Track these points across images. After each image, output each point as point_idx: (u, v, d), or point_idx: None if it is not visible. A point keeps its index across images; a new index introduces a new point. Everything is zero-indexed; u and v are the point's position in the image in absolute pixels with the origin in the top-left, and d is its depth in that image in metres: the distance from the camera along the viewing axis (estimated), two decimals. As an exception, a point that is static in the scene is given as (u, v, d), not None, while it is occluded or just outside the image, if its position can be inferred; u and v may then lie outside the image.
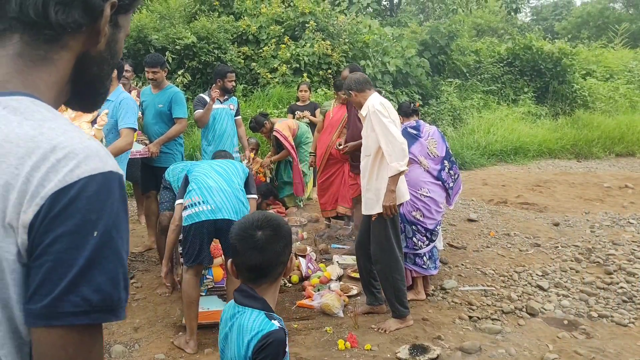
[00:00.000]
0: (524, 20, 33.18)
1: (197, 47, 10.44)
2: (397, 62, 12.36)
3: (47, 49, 0.84)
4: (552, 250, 5.71)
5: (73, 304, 0.72)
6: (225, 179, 3.56)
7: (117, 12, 0.91)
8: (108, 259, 0.75)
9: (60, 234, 0.72)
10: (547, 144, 12.29)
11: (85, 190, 0.74)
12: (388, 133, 3.77)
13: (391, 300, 4.01)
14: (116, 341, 3.72)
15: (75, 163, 0.74)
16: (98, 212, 0.74)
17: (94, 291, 0.74)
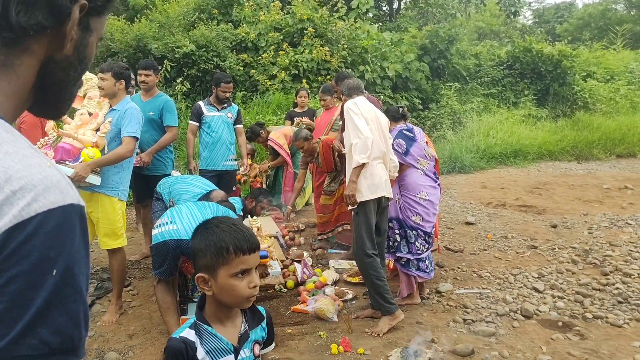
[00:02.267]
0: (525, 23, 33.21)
1: (196, 55, 10.51)
2: (396, 67, 12.40)
3: (7, 52, 0.76)
4: (549, 252, 5.71)
5: (31, 347, 0.67)
6: (199, 208, 3.57)
7: (89, 14, 0.83)
8: (68, 298, 0.71)
9: (15, 274, 0.66)
10: (547, 146, 12.28)
11: (43, 226, 0.68)
12: (356, 128, 3.93)
13: (375, 298, 4.06)
14: (110, 348, 3.73)
15: (32, 196, 0.68)
16: (57, 249, 0.69)
17: (53, 333, 0.69)
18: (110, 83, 4.09)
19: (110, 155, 3.94)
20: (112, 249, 4.14)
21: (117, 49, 10.51)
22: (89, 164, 3.80)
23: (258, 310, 1.74)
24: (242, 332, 1.63)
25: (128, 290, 4.71)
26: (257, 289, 1.59)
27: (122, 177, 4.11)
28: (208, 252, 1.55)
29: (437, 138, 12.18)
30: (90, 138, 3.99)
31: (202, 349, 1.54)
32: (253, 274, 1.58)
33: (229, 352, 1.58)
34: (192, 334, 1.56)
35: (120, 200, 4.12)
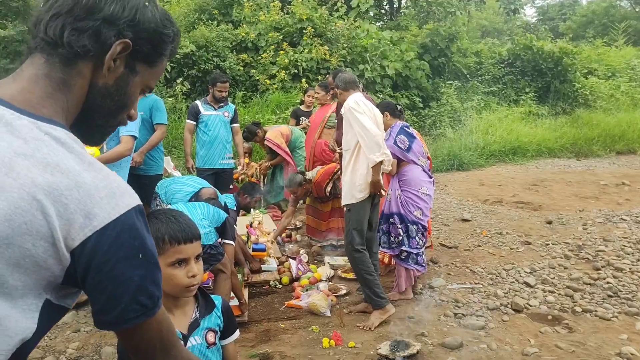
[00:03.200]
0: (529, 21, 33.18)
1: (197, 56, 10.60)
2: (396, 66, 12.46)
3: (66, 72, 0.94)
4: (543, 248, 5.76)
5: (135, 311, 0.93)
6: (188, 208, 3.61)
7: (135, 58, 1.00)
8: (153, 271, 0.95)
9: (115, 262, 0.88)
10: (547, 143, 12.32)
11: (127, 222, 0.89)
12: (363, 127, 3.94)
13: (366, 292, 4.14)
14: (107, 343, 3.82)
15: (115, 201, 0.89)
16: (139, 239, 0.92)
17: (148, 297, 0.94)
18: None
19: (110, 154, 4.02)
20: None
21: (118, 50, 10.61)
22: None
23: (210, 299, 1.78)
24: (192, 320, 1.68)
25: (126, 287, 4.79)
26: (197, 278, 1.62)
27: (120, 175, 4.18)
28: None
29: (436, 136, 12.23)
30: None
31: None
32: (192, 264, 1.61)
33: None
34: None
35: None
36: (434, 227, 6.44)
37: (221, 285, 3.71)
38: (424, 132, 12.47)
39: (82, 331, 4.00)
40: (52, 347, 3.77)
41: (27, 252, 0.83)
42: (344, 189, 4.19)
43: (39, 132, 0.87)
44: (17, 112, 0.87)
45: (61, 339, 3.88)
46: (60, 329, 4.04)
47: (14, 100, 0.89)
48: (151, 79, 1.07)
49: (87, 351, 3.72)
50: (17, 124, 0.86)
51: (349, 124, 4.09)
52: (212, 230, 3.67)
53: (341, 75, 4.39)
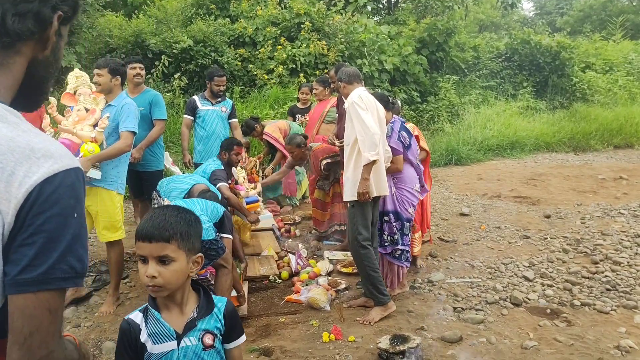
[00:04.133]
0: (526, 15, 33.16)
1: (194, 51, 10.56)
2: (394, 60, 12.44)
3: (4, 54, 0.98)
4: (541, 242, 5.78)
5: (63, 271, 0.91)
6: (187, 204, 3.61)
7: (62, 23, 1.05)
8: (83, 235, 0.96)
9: (50, 216, 0.89)
10: (544, 137, 12.34)
11: (65, 180, 0.92)
12: (363, 124, 3.91)
13: (369, 289, 4.14)
14: (107, 338, 3.82)
15: (53, 160, 0.92)
16: (75, 199, 0.94)
17: (77, 260, 0.94)
18: (107, 79, 4.17)
19: (109, 150, 4.03)
20: (111, 241, 4.23)
21: (115, 45, 10.57)
22: (89, 158, 3.89)
23: (212, 300, 1.72)
24: (188, 320, 1.63)
25: (125, 282, 4.80)
26: (154, 280, 1.55)
27: (119, 171, 4.20)
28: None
29: (434, 131, 12.24)
30: (89, 133, 4.06)
31: (146, 332, 1.60)
32: (150, 264, 1.55)
33: (170, 337, 1.60)
34: (139, 317, 1.63)
35: (118, 194, 4.21)
36: (433, 222, 6.45)
37: (222, 280, 3.72)
38: (422, 127, 12.45)
39: (82, 326, 4.01)
40: (53, 342, 3.77)
41: None
42: (347, 185, 4.15)
43: None
44: None
45: (61, 334, 3.88)
46: (60, 324, 4.04)
47: None
48: (67, 34, 1.13)
49: (88, 346, 3.72)
50: None
51: (350, 118, 4.07)
52: (210, 226, 3.67)
53: (345, 69, 4.33)
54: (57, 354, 0.94)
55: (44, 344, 0.91)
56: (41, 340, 0.90)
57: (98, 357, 3.60)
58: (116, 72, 4.21)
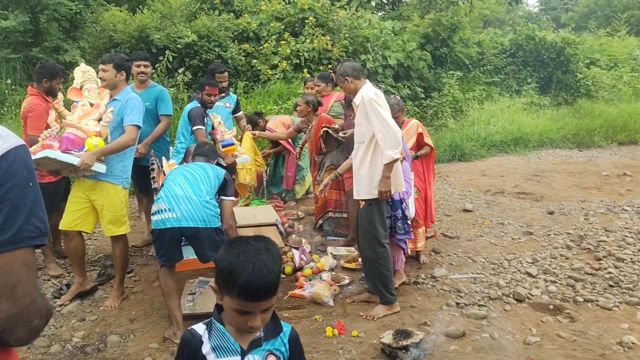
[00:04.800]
0: (531, 11, 33.01)
1: (198, 46, 10.56)
2: (397, 56, 12.42)
3: None
4: (544, 238, 5.79)
5: (30, 231, 1.06)
6: (192, 186, 3.65)
7: None
8: (40, 200, 1.11)
9: (10, 187, 1.04)
10: (548, 133, 12.31)
11: (17, 156, 1.07)
12: (383, 121, 3.87)
13: (378, 287, 4.13)
14: (112, 332, 3.85)
15: (2, 140, 1.06)
16: (28, 170, 1.09)
17: (40, 221, 1.09)
18: (112, 74, 4.18)
19: (114, 144, 4.05)
20: (116, 235, 4.25)
21: (119, 39, 10.57)
22: (94, 152, 3.91)
23: (279, 324, 1.65)
24: (255, 338, 1.58)
25: (130, 277, 4.83)
26: (257, 328, 1.51)
27: (125, 165, 4.22)
28: (220, 274, 1.48)
29: (438, 127, 12.23)
30: (94, 128, 4.08)
31: (209, 344, 1.56)
32: (256, 317, 1.48)
33: (235, 352, 1.56)
34: (202, 328, 1.60)
35: (124, 188, 4.23)
36: (436, 218, 6.45)
37: None
38: (426, 123, 12.44)
39: (87, 320, 4.03)
40: (58, 335, 3.80)
41: None
42: (361, 183, 4.09)
43: None
44: None
45: (66, 327, 3.92)
46: (66, 317, 4.08)
47: None
48: None
49: (93, 340, 3.75)
50: None
51: (365, 115, 3.98)
52: (217, 212, 3.71)
53: (350, 63, 4.20)
54: (38, 301, 1.08)
55: (27, 294, 1.05)
56: (24, 291, 1.04)
57: (103, 350, 3.63)
58: (121, 68, 4.22)
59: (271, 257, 1.49)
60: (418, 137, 5.07)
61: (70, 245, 4.26)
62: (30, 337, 1.08)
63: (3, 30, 8.96)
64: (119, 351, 3.61)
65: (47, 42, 9.35)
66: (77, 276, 4.35)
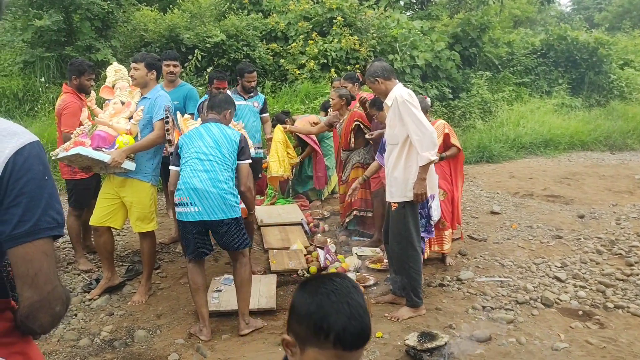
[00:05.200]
0: (563, 11, 32.39)
1: (227, 45, 10.66)
2: (426, 56, 12.32)
3: None
4: (574, 242, 5.68)
5: (48, 223, 1.13)
6: (210, 178, 3.63)
7: None
8: (56, 193, 1.17)
9: (27, 180, 1.11)
10: (580, 136, 12.07)
11: (32, 150, 1.14)
12: (419, 123, 3.82)
13: (406, 290, 4.11)
14: (139, 327, 3.92)
15: (18, 136, 1.13)
16: (43, 164, 1.15)
17: (57, 213, 1.15)
18: (143, 73, 4.24)
19: (143, 141, 4.11)
20: (144, 232, 4.31)
21: (150, 39, 10.74)
22: (124, 150, 3.98)
23: None
24: None
25: (157, 273, 4.90)
26: None
27: (154, 163, 4.29)
28: (305, 321, 1.22)
29: (466, 127, 12.10)
30: (124, 126, 4.16)
31: None
32: None
33: None
34: None
35: (152, 185, 4.29)
36: (463, 220, 6.37)
37: (241, 271, 3.82)
38: (454, 124, 12.31)
39: (115, 315, 4.11)
40: (87, 329, 3.88)
41: None
42: (394, 185, 4.05)
43: None
44: None
45: (95, 321, 4.00)
46: (95, 312, 4.16)
47: None
48: None
49: (120, 334, 3.82)
50: None
51: (398, 117, 3.93)
52: (237, 201, 3.75)
53: (381, 63, 4.14)
54: (59, 288, 1.14)
55: (48, 281, 1.11)
56: (45, 279, 1.11)
57: (130, 344, 3.69)
58: (152, 67, 4.29)
59: (361, 294, 1.28)
60: (445, 138, 5.02)
61: (99, 241, 4.34)
62: (52, 323, 1.14)
63: (37, 30, 9.17)
64: (145, 346, 3.67)
65: (79, 41, 9.53)
66: (106, 271, 4.44)
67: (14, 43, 9.85)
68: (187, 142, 3.82)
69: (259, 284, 4.49)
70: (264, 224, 6.15)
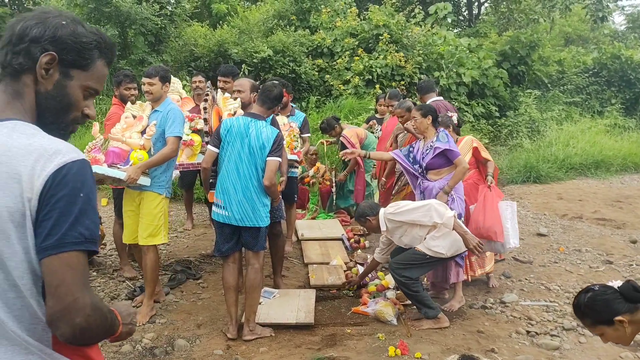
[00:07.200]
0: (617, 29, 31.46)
1: (273, 60, 10.84)
2: (472, 73, 12.18)
3: (16, 85, 1.27)
4: (626, 268, 5.45)
5: (74, 237, 1.16)
6: (243, 186, 3.80)
7: (67, 65, 1.29)
8: (89, 211, 1.20)
9: (61, 196, 1.15)
10: (633, 157, 11.61)
11: (72, 169, 1.18)
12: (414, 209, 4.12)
13: (416, 306, 4.23)
14: (179, 336, 3.97)
15: (61, 155, 1.18)
16: (81, 182, 1.18)
17: (85, 229, 1.18)
18: (158, 87, 4.21)
19: (157, 157, 4.10)
20: (148, 245, 4.20)
21: (199, 53, 11.03)
22: (139, 166, 4.02)
23: None
24: None
25: (199, 283, 4.97)
26: None
27: (167, 175, 4.27)
28: None
29: (513, 147, 11.85)
30: (138, 141, 4.18)
31: None
32: None
33: None
34: None
35: (165, 198, 4.26)
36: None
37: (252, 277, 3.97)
38: (500, 142, 12.09)
39: (157, 323, 4.17)
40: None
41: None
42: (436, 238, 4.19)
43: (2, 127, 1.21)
44: None
45: (138, 329, 4.07)
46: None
47: None
48: (89, 81, 1.33)
49: (161, 342, 3.88)
50: None
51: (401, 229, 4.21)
52: (267, 211, 3.95)
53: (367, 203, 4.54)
54: (82, 300, 1.15)
55: (69, 293, 1.14)
56: (66, 290, 1.14)
57: (170, 353, 3.74)
58: (166, 80, 4.26)
59: None
60: (474, 152, 4.94)
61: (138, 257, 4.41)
62: (74, 334, 1.15)
63: (94, 43, 9.54)
64: (185, 355, 3.71)
65: (133, 55, 9.88)
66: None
67: (71, 56, 10.26)
68: (230, 136, 3.89)
69: (297, 299, 4.49)
70: (305, 238, 6.16)
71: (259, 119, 3.92)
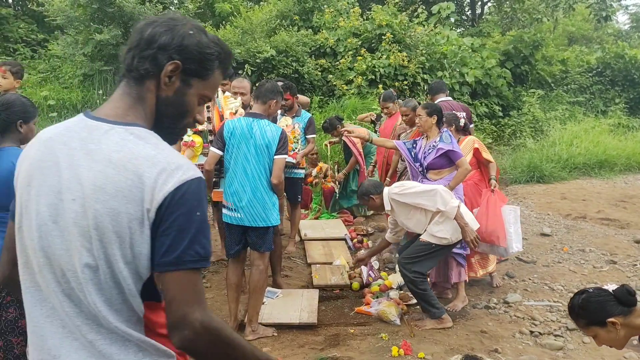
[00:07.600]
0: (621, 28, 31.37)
1: (276, 60, 10.83)
2: (475, 73, 12.17)
3: (139, 89, 1.30)
4: (630, 268, 5.44)
5: (191, 256, 1.19)
6: (252, 187, 3.78)
7: (188, 74, 1.31)
8: (205, 229, 1.23)
9: (179, 214, 1.18)
10: (637, 157, 11.56)
11: (190, 187, 1.21)
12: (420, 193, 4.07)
13: (421, 305, 4.20)
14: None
15: (182, 172, 1.21)
16: (198, 201, 1.22)
17: (201, 247, 1.21)
18: None
19: None
20: None
21: (202, 54, 11.01)
22: None
23: None
24: None
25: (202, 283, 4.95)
26: None
27: None
28: None
29: (516, 146, 11.82)
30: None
31: None
32: None
33: None
34: None
35: None
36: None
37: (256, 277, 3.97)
38: (503, 142, 12.07)
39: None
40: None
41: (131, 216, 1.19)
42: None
43: (127, 133, 1.24)
44: (110, 124, 1.25)
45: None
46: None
47: (107, 116, 1.28)
48: (206, 90, 1.36)
49: None
50: (111, 131, 1.24)
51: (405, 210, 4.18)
52: (277, 210, 3.96)
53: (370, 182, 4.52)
54: (191, 316, 1.19)
55: (180, 308, 1.19)
56: (177, 306, 1.19)
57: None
58: None
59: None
60: (475, 153, 4.92)
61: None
62: (182, 344, 1.22)
63: (97, 44, 9.57)
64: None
65: (136, 55, 9.89)
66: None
67: (74, 57, 10.28)
68: (234, 139, 3.84)
69: (301, 298, 4.49)
70: (308, 238, 6.16)
71: (261, 118, 3.91)
